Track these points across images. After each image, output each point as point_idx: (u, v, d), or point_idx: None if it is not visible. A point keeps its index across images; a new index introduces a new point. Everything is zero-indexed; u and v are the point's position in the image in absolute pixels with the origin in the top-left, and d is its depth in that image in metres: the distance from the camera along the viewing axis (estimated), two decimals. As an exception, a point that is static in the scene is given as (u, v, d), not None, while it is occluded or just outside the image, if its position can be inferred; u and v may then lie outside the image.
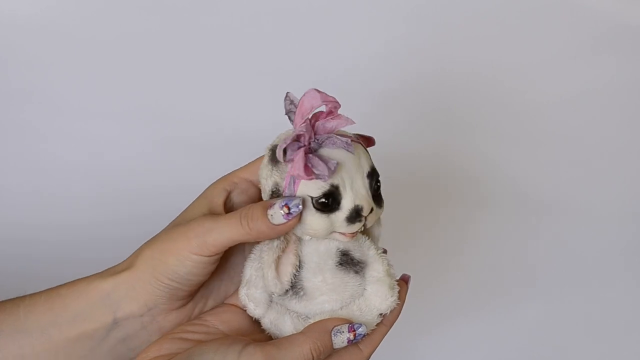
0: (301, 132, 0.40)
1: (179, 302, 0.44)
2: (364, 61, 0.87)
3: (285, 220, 0.40)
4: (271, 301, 0.45)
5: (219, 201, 0.45)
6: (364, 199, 0.41)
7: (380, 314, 0.44)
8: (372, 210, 0.42)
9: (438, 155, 0.87)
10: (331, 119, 0.41)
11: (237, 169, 0.47)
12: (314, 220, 0.41)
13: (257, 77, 0.85)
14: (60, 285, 0.45)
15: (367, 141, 0.45)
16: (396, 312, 0.44)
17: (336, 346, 0.41)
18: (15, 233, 0.80)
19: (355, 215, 0.41)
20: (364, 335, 0.42)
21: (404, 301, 0.44)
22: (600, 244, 0.88)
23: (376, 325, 0.44)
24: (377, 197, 0.42)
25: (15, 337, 0.43)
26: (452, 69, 0.88)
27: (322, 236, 0.42)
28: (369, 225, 0.42)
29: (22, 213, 0.81)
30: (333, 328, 0.41)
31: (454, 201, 0.88)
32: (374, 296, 0.43)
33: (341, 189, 0.41)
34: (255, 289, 0.44)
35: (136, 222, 0.81)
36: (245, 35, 0.86)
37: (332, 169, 0.40)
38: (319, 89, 0.41)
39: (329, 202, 0.41)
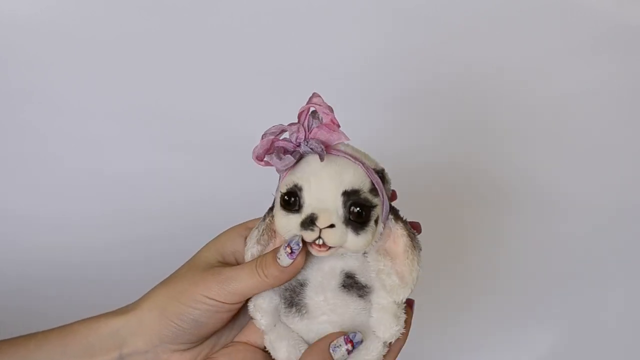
0: (285, 128, 0.41)
1: (184, 345, 0.44)
2: (368, 62, 0.87)
3: (291, 260, 0.41)
4: (279, 315, 0.45)
5: (231, 249, 0.46)
6: (323, 210, 0.40)
7: (385, 343, 0.43)
8: (332, 226, 0.40)
9: (443, 156, 0.87)
10: (327, 130, 0.42)
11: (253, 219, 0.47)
12: (277, 216, 0.42)
13: (259, 78, 0.85)
14: (74, 322, 0.46)
15: (413, 227, 0.45)
16: (402, 338, 0.43)
17: None
18: (16, 235, 0.80)
19: (309, 222, 0.40)
20: (362, 342, 0.42)
21: (409, 327, 0.44)
22: (622, 245, 0.88)
23: (383, 356, 0.43)
24: (355, 224, 0.41)
25: None
26: (457, 69, 0.88)
27: (285, 236, 0.42)
28: (328, 242, 0.40)
29: (23, 214, 0.81)
30: (330, 344, 0.41)
31: (461, 202, 0.88)
32: (378, 324, 0.43)
33: (305, 192, 0.41)
34: (263, 299, 0.44)
35: (138, 223, 0.81)
36: (247, 35, 0.86)
37: (285, 163, 0.40)
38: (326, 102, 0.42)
39: (290, 200, 0.41)
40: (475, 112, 0.89)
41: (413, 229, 0.45)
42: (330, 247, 0.41)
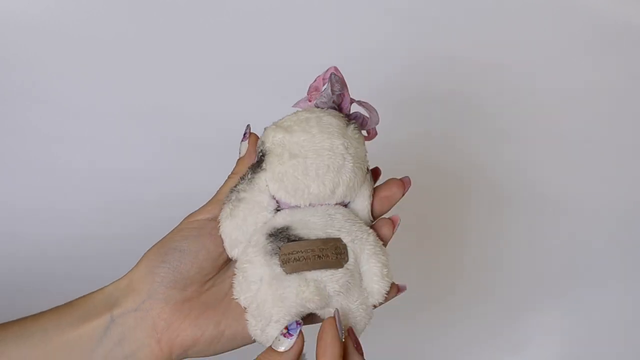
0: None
1: (173, 291, 0.44)
2: (367, 60, 0.86)
3: (245, 141, 0.47)
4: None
5: None
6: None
7: None
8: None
9: (441, 155, 0.87)
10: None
11: None
12: None
13: (257, 76, 0.85)
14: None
15: (375, 172, 0.47)
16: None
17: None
18: (15, 234, 0.80)
19: None
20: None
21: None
22: (616, 244, 0.88)
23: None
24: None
25: (17, 343, 0.43)
26: (455, 68, 0.88)
27: None
28: None
29: (25, 215, 0.81)
30: None
31: (460, 201, 0.87)
32: None
33: None
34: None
35: (140, 226, 0.81)
36: (245, 34, 0.86)
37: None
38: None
39: None
40: (475, 111, 0.90)
41: (375, 174, 0.46)
42: None
